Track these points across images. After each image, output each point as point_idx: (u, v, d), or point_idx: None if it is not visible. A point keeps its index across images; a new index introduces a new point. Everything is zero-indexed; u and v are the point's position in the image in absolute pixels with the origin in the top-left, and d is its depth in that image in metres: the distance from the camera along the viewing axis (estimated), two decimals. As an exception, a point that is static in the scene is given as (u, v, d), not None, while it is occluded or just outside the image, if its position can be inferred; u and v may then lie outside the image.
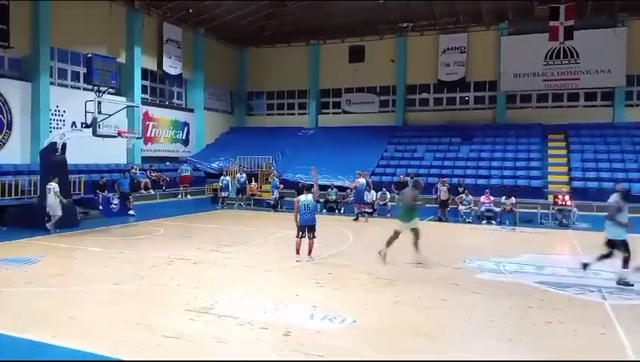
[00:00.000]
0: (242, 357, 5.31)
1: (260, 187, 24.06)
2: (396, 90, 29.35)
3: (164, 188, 22.17)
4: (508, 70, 26.85)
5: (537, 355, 5.50)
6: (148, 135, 25.01)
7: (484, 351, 5.66)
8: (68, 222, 14.41)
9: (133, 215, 17.74)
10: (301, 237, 10.45)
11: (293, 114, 32.17)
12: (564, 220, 17.73)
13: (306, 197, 10.62)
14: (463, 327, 6.47)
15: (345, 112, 30.78)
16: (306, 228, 10.43)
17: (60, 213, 13.97)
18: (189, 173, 23.52)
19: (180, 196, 22.46)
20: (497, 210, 18.26)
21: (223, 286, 8.24)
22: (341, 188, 21.78)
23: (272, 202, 21.72)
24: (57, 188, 14.14)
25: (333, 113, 31.21)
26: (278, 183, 21.85)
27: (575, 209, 17.97)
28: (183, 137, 27.80)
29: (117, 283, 8.29)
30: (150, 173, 21.93)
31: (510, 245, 13.15)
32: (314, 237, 10.49)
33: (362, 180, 18.49)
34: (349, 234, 14.48)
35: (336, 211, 20.83)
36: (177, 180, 23.05)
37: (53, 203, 13.97)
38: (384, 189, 20.71)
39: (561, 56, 26.01)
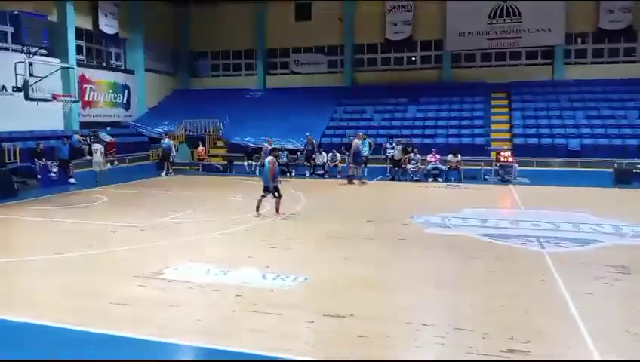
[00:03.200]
0: (191, 318, 5.31)
1: (208, 151, 23.60)
2: (344, 49, 29.13)
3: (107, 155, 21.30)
4: (453, 29, 27.15)
5: (481, 301, 5.81)
6: (86, 99, 23.77)
7: (433, 299, 5.92)
8: (3, 192, 13.66)
9: (74, 183, 17.02)
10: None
11: (240, 75, 31.42)
12: (505, 176, 18.50)
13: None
14: (412, 279, 6.72)
15: (293, 73, 30.36)
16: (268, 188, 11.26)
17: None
18: (110, 140, 21.87)
19: (116, 163, 21.45)
20: (443, 167, 18.79)
21: (172, 252, 8.13)
22: (292, 151, 21.70)
23: (220, 167, 21.42)
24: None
25: (281, 74, 30.71)
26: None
27: (516, 165, 18.77)
28: (124, 101, 26.63)
29: (60, 252, 8.01)
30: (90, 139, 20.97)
31: (455, 201, 13.63)
32: (277, 196, 11.20)
33: (359, 141, 18.09)
34: (301, 196, 14.54)
35: (288, 174, 20.78)
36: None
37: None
38: (334, 151, 20.81)
39: (504, 14, 26.52)
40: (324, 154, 20.69)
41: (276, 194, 11.17)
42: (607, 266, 7.14)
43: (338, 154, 20.63)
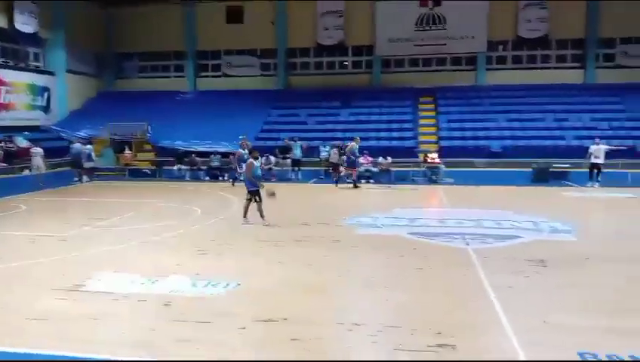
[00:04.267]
0: (115, 332, 5.05)
1: (136, 155, 22.72)
2: (277, 53, 29.11)
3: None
4: (383, 35, 27.91)
5: (410, 298, 5.96)
6: (1, 101, 22.17)
7: (364, 299, 6.00)
8: None
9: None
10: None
11: (169, 77, 30.61)
12: (433, 176, 19.20)
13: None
14: (344, 280, 6.78)
15: (225, 75, 29.96)
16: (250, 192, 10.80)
17: None
18: (27, 145, 20.68)
19: (31, 170, 20.05)
20: (375, 169, 19.20)
21: (95, 262, 7.71)
22: (224, 155, 21.33)
23: (149, 172, 20.69)
24: None
25: (213, 76, 30.21)
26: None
27: (442, 166, 19.53)
28: (44, 103, 25.11)
29: (-33, 267, 7.37)
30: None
31: (386, 201, 13.96)
32: (257, 201, 10.71)
33: (355, 144, 17.71)
34: (233, 200, 14.32)
35: (220, 178, 20.44)
36: (15, 153, 20.55)
37: None
38: (267, 154, 20.69)
39: (430, 22, 27.60)
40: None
41: (255, 198, 10.65)
42: (526, 260, 7.56)
43: (272, 158, 20.56)
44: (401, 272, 7.07)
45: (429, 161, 19.68)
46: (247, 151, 17.23)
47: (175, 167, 20.69)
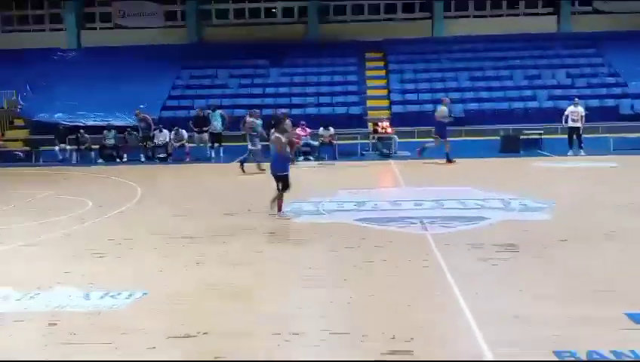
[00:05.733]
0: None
1: (3, 134, 21.63)
2: (185, -3, 28.43)
3: None
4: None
5: (359, 298, 6.10)
6: None
7: (305, 302, 6.08)
8: None
9: None
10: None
11: (44, 30, 29.10)
12: (384, 150, 19.64)
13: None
14: (280, 281, 6.83)
15: (118, 27, 28.88)
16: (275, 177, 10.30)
17: None
18: None
19: None
20: (315, 143, 19.32)
21: (-47, 274, 7.31)
22: (121, 130, 20.72)
23: (22, 155, 19.79)
24: None
25: (102, 29, 29.09)
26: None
27: (395, 137, 19.98)
28: None
29: None
30: None
31: (330, 182, 14.13)
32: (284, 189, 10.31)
33: (445, 107, 17.64)
34: (137, 188, 14.00)
35: (118, 160, 19.90)
36: None
37: None
38: (177, 128, 20.31)
39: (376, -42, 27.89)
40: (165, 132, 20.13)
41: (283, 185, 10.26)
42: (494, 245, 7.91)
43: (184, 132, 20.24)
44: (349, 267, 7.20)
45: (379, 130, 20.07)
46: (258, 120, 17.20)
47: (57, 148, 19.91)
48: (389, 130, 20.10)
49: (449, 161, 17.15)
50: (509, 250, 7.70)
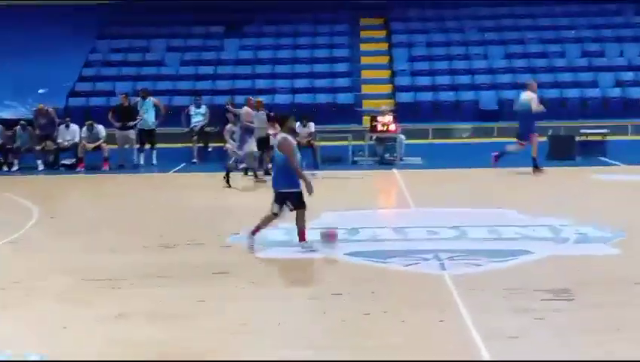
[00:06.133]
0: None
1: None
2: None
3: None
4: None
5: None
6: None
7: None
8: None
9: None
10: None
11: None
12: (386, 155, 19.62)
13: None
14: (234, 340, 6.74)
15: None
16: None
17: None
18: None
19: None
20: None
21: None
22: (10, 125, 20.48)
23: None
24: None
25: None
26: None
27: (402, 136, 19.99)
28: None
29: None
30: None
31: (310, 200, 14.04)
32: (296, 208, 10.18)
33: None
34: (31, 208, 13.88)
35: (5, 168, 19.72)
36: None
37: None
38: (91, 122, 20.14)
39: None
40: (74, 128, 20.00)
41: (294, 204, 10.15)
42: (540, 291, 7.87)
43: (101, 128, 20.10)
44: (335, 323, 7.14)
45: (379, 128, 20.05)
46: (262, 112, 17.42)
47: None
48: (393, 126, 20.09)
49: (537, 168, 17.31)
50: (561, 298, 7.68)
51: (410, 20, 27.42)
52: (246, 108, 17.17)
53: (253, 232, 10.17)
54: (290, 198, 10.08)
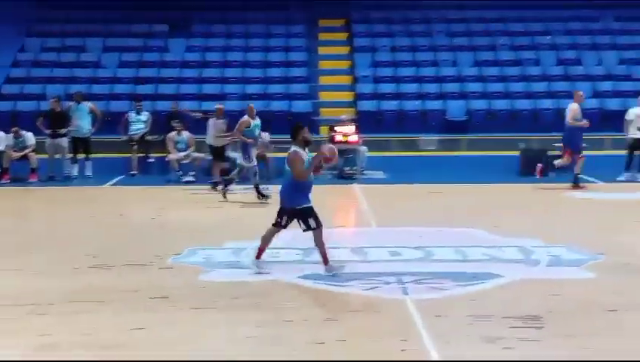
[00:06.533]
0: None
1: None
2: None
3: None
4: None
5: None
6: None
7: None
8: None
9: None
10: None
11: None
12: (346, 168, 19.66)
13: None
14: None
15: None
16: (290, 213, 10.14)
17: None
18: None
19: None
20: (235, 155, 19.19)
21: None
22: None
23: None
24: None
25: None
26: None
27: (363, 148, 20.07)
28: None
29: None
30: None
31: (260, 217, 13.98)
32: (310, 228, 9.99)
33: (577, 106, 17.77)
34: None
35: None
36: None
37: None
38: (16, 128, 19.85)
39: None
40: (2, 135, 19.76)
41: (310, 223, 9.97)
42: (509, 318, 7.95)
43: (29, 135, 19.82)
44: (283, 351, 7.12)
45: (338, 139, 20.09)
46: (256, 120, 17.24)
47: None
48: (354, 137, 20.14)
49: (576, 184, 17.65)
50: (531, 326, 7.75)
51: (374, 22, 27.56)
52: (246, 117, 17.02)
53: (257, 256, 10.16)
54: (300, 217, 10.02)
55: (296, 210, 10.03)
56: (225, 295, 9.08)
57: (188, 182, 18.82)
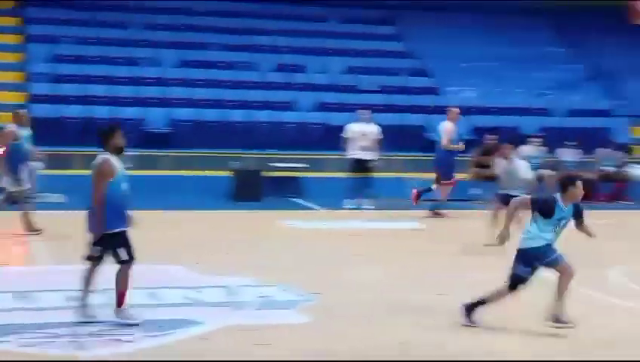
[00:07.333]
0: None
1: None
2: None
3: None
4: None
5: None
6: None
7: None
8: None
9: None
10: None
11: None
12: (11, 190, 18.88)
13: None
14: None
15: None
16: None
17: None
18: None
19: None
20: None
21: None
22: None
23: None
24: None
25: None
26: None
27: (37, 164, 19.44)
28: None
29: None
30: None
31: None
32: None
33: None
34: None
35: None
36: None
37: None
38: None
39: None
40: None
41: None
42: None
43: None
44: None
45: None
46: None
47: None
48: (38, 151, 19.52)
49: (436, 212, 18.40)
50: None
51: (54, 7, 26.94)
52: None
53: None
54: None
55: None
56: None
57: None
